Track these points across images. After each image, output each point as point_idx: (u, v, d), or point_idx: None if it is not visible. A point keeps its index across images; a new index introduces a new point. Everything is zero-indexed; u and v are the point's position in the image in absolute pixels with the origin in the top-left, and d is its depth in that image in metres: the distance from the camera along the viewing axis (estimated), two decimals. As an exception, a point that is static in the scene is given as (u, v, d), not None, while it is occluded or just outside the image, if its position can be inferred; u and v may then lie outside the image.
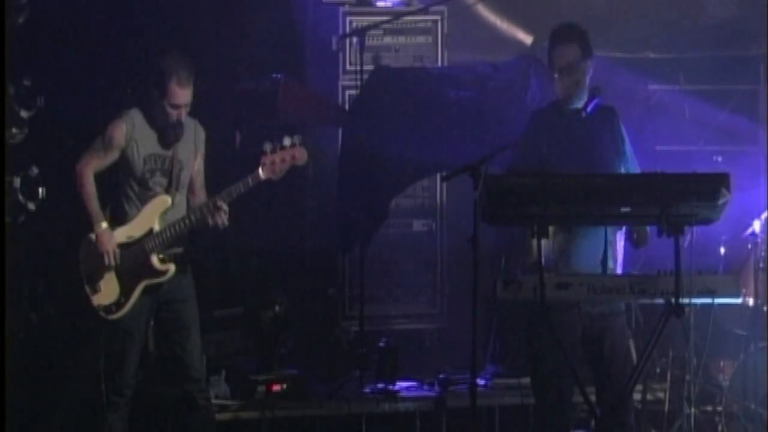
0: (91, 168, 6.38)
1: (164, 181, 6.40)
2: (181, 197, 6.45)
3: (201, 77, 8.04)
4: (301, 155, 6.34)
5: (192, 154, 6.48)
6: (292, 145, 6.32)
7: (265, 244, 8.32)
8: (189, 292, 6.50)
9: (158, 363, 6.78)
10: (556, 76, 6.19)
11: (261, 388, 7.49)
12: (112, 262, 6.32)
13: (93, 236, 6.37)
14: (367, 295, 8.08)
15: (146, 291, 6.36)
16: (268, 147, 6.29)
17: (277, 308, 7.83)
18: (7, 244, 6.29)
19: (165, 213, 6.38)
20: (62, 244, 6.74)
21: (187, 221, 6.33)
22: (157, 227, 6.36)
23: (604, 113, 6.22)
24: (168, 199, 6.38)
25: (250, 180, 6.30)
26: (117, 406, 6.37)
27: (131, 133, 6.36)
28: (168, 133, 6.37)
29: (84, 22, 7.79)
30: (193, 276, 6.55)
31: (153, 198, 6.38)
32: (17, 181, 6.76)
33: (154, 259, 6.35)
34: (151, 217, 6.37)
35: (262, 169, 6.29)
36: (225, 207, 6.27)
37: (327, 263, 8.53)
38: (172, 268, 6.36)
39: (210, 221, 6.27)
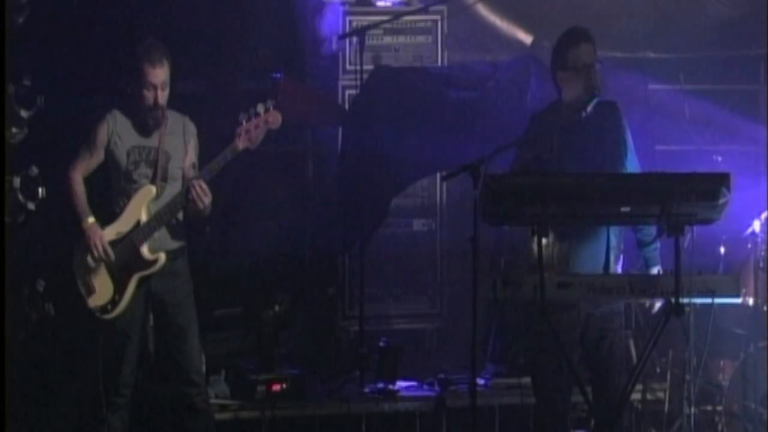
0: (78, 171, 6.43)
1: (149, 173, 6.40)
2: (172, 189, 6.42)
3: (201, 77, 8.09)
4: (275, 119, 6.38)
5: (181, 147, 6.47)
6: (266, 110, 6.36)
7: (265, 243, 8.32)
8: (185, 295, 6.48)
9: (157, 364, 6.77)
10: (567, 75, 6.14)
11: (261, 388, 7.48)
12: (102, 255, 6.30)
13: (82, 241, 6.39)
14: (367, 295, 8.08)
15: (140, 284, 6.35)
16: (243, 117, 6.34)
17: (277, 308, 7.83)
18: (7, 243, 6.30)
19: (151, 203, 6.37)
20: (62, 243, 6.73)
21: (172, 207, 6.33)
22: (144, 218, 6.35)
23: (605, 110, 6.19)
24: (153, 189, 6.37)
25: (228, 152, 6.33)
26: (116, 407, 6.37)
27: (113, 128, 6.40)
28: (146, 118, 6.37)
29: (84, 21, 7.80)
30: (192, 276, 6.55)
31: (138, 190, 6.39)
32: (17, 181, 6.76)
33: (144, 250, 6.35)
34: (137, 209, 6.37)
35: (239, 139, 6.33)
36: (204, 186, 6.27)
37: (327, 263, 8.53)
38: (162, 257, 6.36)
39: (195, 203, 6.26)
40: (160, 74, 6.32)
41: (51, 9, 7.40)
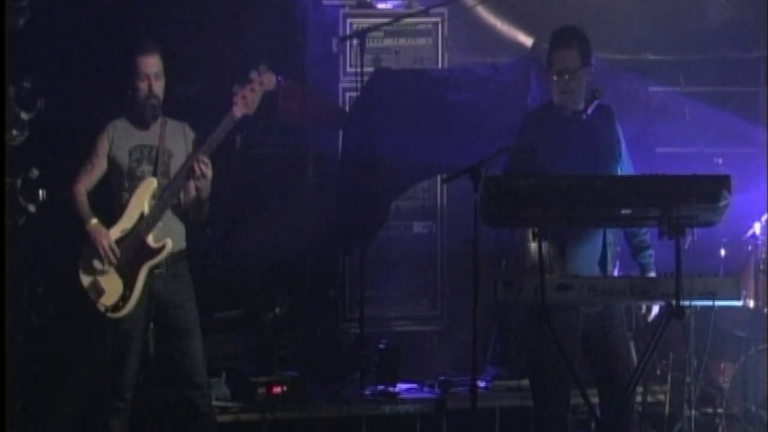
0: (82, 185, 6.42)
1: (150, 169, 6.39)
2: None
3: (201, 78, 8.09)
4: (269, 79, 6.38)
5: (183, 149, 6.47)
6: (259, 74, 6.34)
7: (265, 245, 8.31)
8: (187, 296, 6.48)
9: (160, 367, 6.77)
10: (554, 78, 6.18)
11: (261, 390, 7.48)
12: (110, 256, 6.29)
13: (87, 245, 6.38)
14: (367, 297, 8.08)
15: (149, 275, 6.32)
16: (236, 87, 6.33)
17: (277, 310, 7.83)
18: (8, 246, 6.28)
19: (153, 196, 6.36)
20: (62, 245, 6.73)
21: (173, 187, 6.31)
22: (146, 210, 6.34)
23: (600, 113, 6.20)
24: (154, 181, 6.36)
25: (227, 122, 6.31)
26: (117, 411, 6.35)
27: (113, 135, 6.42)
28: (143, 110, 6.37)
29: (84, 23, 7.80)
30: (193, 278, 6.55)
31: (139, 185, 6.39)
32: (17, 183, 6.75)
33: (149, 239, 6.33)
34: (139, 202, 6.35)
35: (236, 107, 6.32)
36: (206, 160, 6.26)
37: (327, 265, 8.52)
38: (168, 243, 6.34)
39: (195, 173, 6.24)
40: (152, 63, 6.33)
41: (51, 11, 7.39)
